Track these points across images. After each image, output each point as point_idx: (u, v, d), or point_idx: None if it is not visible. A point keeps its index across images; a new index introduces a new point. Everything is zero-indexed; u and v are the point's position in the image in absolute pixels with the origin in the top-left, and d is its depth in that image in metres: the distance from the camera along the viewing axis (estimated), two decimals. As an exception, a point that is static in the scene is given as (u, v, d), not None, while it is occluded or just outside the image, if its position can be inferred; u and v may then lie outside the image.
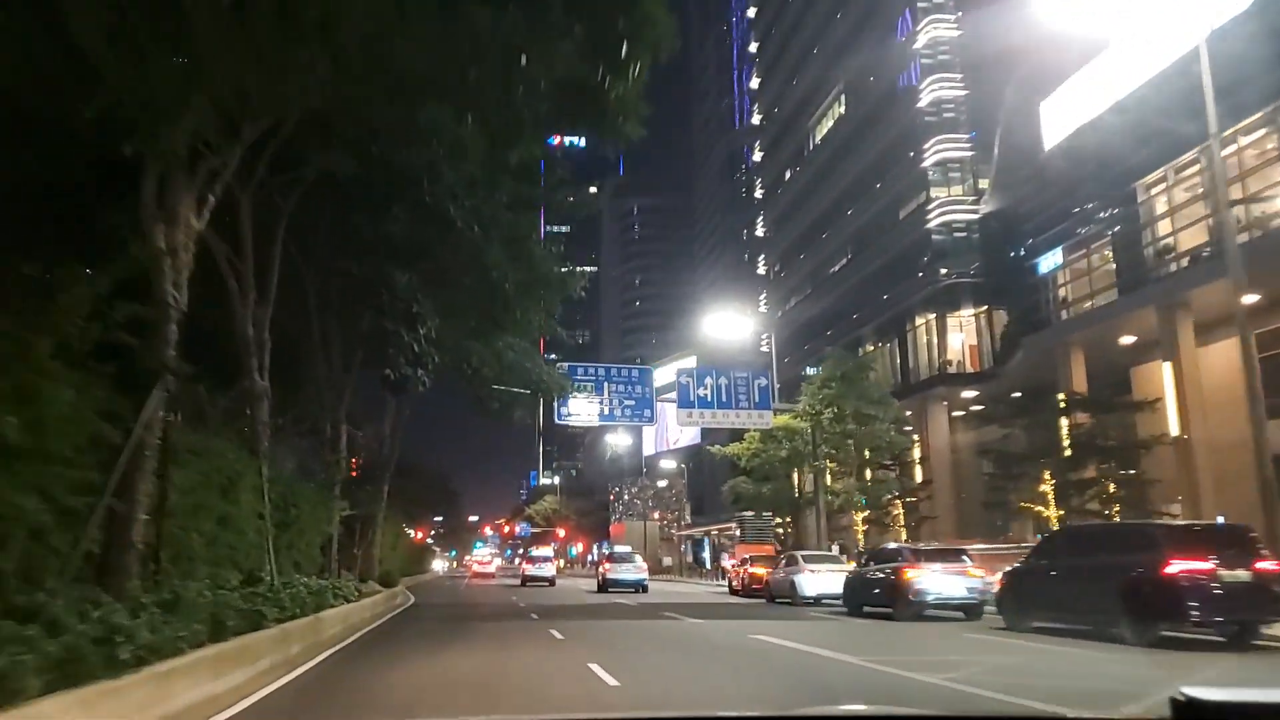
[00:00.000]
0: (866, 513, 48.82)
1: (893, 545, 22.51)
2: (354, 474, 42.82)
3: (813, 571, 25.02)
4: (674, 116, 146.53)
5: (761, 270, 75.74)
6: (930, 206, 52.26)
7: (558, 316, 24.90)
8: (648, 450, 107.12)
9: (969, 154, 51.76)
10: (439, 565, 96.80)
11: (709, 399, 33.26)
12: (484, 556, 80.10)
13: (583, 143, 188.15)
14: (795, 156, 69.14)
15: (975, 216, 50.81)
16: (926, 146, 52.32)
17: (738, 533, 41.75)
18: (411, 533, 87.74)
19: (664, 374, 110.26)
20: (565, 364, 32.49)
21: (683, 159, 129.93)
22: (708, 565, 51.66)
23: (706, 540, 53.83)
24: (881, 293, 56.52)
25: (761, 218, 77.13)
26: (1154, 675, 10.01)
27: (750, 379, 33.82)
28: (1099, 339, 37.96)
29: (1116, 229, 38.26)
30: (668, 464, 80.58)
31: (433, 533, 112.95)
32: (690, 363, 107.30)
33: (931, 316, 51.96)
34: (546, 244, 21.01)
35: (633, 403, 32.99)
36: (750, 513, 40.92)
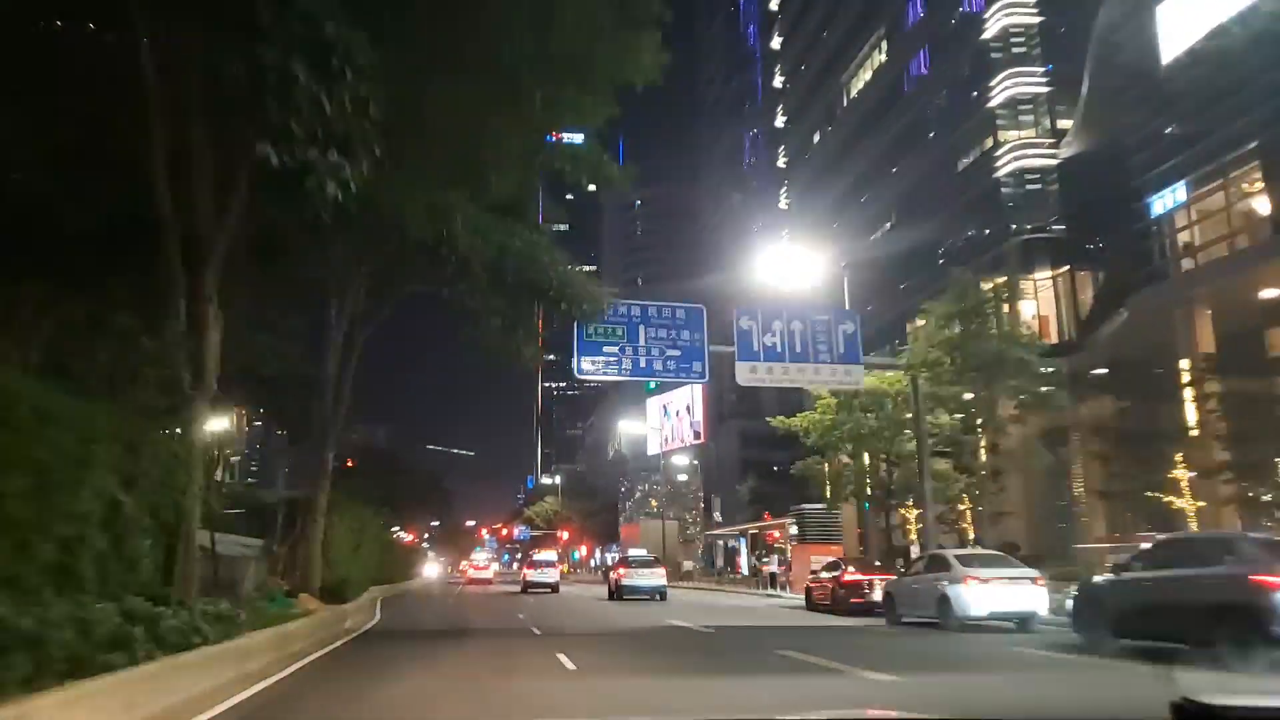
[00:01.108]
0: (917, 509, 39.73)
1: (1218, 534, 13.17)
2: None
3: (980, 581, 15.71)
4: (677, 104, 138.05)
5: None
6: (998, 153, 43.25)
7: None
8: (652, 449, 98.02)
9: (1045, 90, 42.76)
10: (432, 570, 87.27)
11: (778, 349, 23.96)
12: (480, 561, 70.42)
13: (581, 139, 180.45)
14: (826, 116, 60.10)
15: (1054, 161, 41.80)
16: (994, 84, 43.30)
17: (794, 530, 32.46)
18: (402, 534, 78.29)
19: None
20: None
21: (687, 148, 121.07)
22: (745, 570, 42.21)
23: (743, 541, 44.37)
24: (936, 258, 47.49)
25: (785, 189, 68.01)
26: None
27: (832, 324, 24.51)
28: (1233, 293, 29.15)
29: (1271, 150, 29.22)
30: (680, 460, 71.39)
31: (426, 535, 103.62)
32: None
33: (1000, 282, 42.83)
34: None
35: (678, 353, 23.64)
36: (816, 506, 31.40)
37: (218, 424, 36.60)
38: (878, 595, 21.12)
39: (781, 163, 68.46)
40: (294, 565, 16.88)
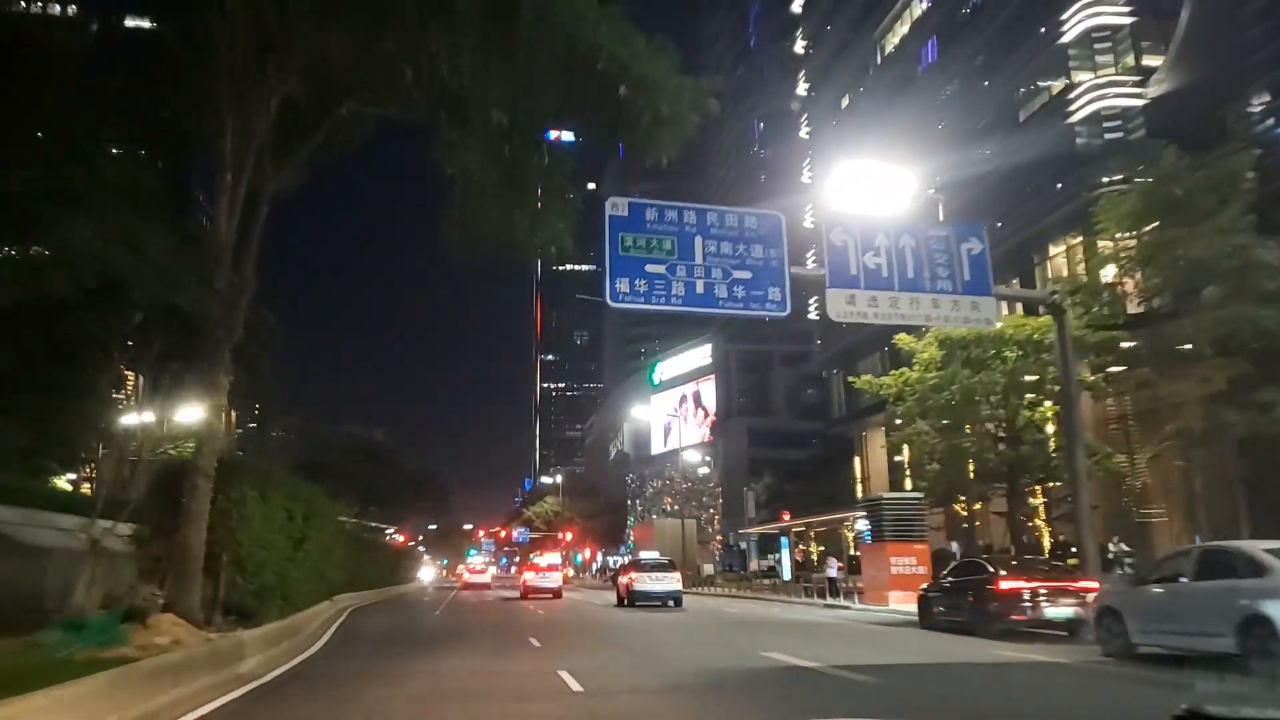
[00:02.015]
0: (977, 504, 32.61)
1: None
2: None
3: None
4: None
5: (809, 224, 59.57)
6: (1071, 95, 36.37)
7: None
8: (657, 448, 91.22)
9: (1128, 20, 35.92)
10: (427, 573, 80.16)
11: (883, 273, 16.97)
12: (477, 564, 63.08)
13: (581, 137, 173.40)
14: (857, 77, 53.23)
15: (1140, 102, 34.96)
16: (1067, 16, 36.45)
17: (864, 525, 25.42)
18: (395, 535, 70.92)
19: (673, 366, 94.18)
20: (623, 198, 16.23)
21: (692, 139, 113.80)
22: (788, 575, 34.90)
23: (785, 541, 37.14)
24: (994, 220, 40.49)
25: (809, 161, 61.07)
26: None
27: (953, 241, 17.53)
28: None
29: None
30: (693, 456, 64.34)
31: (421, 538, 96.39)
32: (704, 351, 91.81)
33: (1075, 242, 36.12)
34: None
35: (747, 276, 16.63)
36: (899, 495, 24.08)
37: (191, 413, 29.19)
38: (1052, 611, 14.17)
39: (804, 133, 61.49)
40: (132, 564, 9.85)
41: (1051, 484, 27.08)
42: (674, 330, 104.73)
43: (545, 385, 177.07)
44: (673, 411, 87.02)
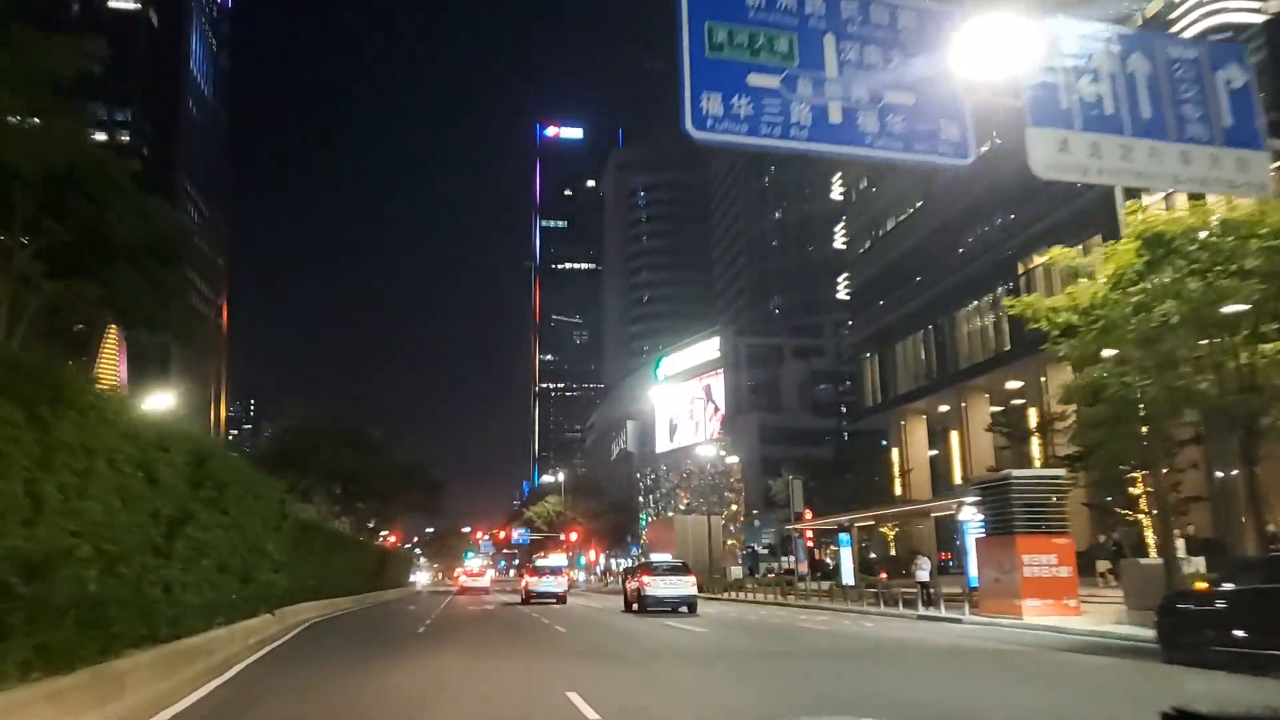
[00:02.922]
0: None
1: None
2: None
3: None
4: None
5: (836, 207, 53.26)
6: (1174, 15, 30.26)
7: None
8: (662, 446, 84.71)
9: (1245, -77, 29.73)
10: (422, 577, 73.33)
11: (1108, 108, 10.60)
12: (474, 567, 57.06)
13: (580, 134, 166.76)
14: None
15: (1261, 18, 28.85)
16: (1167, -77, 30.25)
17: (973, 514, 18.94)
18: (389, 535, 64.32)
19: (678, 361, 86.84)
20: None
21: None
22: (850, 578, 28.12)
23: (846, 539, 30.50)
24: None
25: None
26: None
27: (1204, 67, 11.17)
28: None
29: None
30: (706, 451, 57.89)
31: (416, 539, 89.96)
32: (713, 345, 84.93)
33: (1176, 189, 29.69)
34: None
35: (909, 100, 10.04)
36: (1036, 473, 17.36)
37: (161, 400, 22.88)
38: None
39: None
40: None
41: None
42: (675, 325, 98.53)
43: (544, 385, 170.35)
44: (688, 400, 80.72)
